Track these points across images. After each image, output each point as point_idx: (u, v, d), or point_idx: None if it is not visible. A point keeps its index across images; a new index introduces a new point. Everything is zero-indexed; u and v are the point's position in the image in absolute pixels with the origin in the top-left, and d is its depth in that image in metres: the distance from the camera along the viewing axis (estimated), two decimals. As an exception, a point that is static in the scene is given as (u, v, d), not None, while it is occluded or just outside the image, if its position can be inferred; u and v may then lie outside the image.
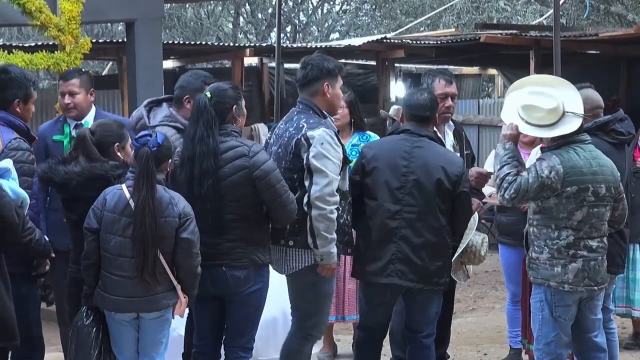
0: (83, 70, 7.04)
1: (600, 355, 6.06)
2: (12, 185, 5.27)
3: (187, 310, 5.68)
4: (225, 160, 5.52)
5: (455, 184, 6.04)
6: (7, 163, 5.39)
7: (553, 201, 5.74)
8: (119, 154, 5.49)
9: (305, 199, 5.65)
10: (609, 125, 6.43)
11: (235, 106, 5.66)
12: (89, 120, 6.58)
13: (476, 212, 6.47)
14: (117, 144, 5.51)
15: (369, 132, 7.47)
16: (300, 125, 5.76)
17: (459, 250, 6.19)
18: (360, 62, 19.01)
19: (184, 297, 5.37)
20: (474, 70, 20.32)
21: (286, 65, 17.11)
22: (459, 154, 6.62)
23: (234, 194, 5.53)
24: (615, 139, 6.55)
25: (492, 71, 20.17)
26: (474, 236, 6.42)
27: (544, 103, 5.78)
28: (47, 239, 5.70)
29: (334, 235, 5.71)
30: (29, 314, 5.76)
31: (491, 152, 7.61)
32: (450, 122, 6.86)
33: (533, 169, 5.73)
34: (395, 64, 17.86)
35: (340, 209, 5.77)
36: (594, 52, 16.33)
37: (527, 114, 5.82)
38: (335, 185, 5.68)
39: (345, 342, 8.26)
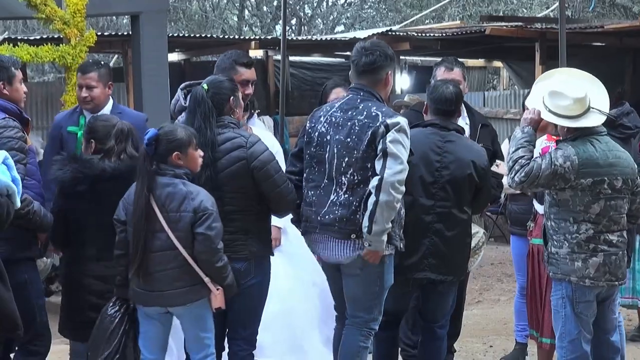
0: (102, 62, 7.02)
1: (615, 357, 5.99)
2: None
3: None
4: (222, 151, 5.47)
5: (483, 178, 6.13)
6: None
7: (569, 193, 5.66)
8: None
9: (375, 182, 5.49)
10: (617, 120, 6.41)
11: (232, 97, 5.61)
12: (105, 112, 6.56)
13: None
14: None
15: None
16: (374, 114, 5.61)
17: None
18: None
19: (217, 289, 5.31)
20: (480, 62, 20.31)
21: (291, 58, 17.11)
22: None
23: (232, 185, 5.49)
24: (623, 134, 6.55)
25: (498, 63, 20.17)
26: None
27: (571, 92, 5.69)
28: (48, 212, 5.67)
29: (390, 226, 5.56)
30: (32, 301, 5.74)
31: (505, 141, 7.59)
32: (465, 114, 6.85)
33: (548, 156, 5.66)
34: (401, 57, 17.84)
35: (401, 203, 5.68)
36: (599, 44, 16.30)
37: (553, 101, 5.72)
38: (405, 176, 5.55)
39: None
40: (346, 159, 5.62)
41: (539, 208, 6.91)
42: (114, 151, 5.67)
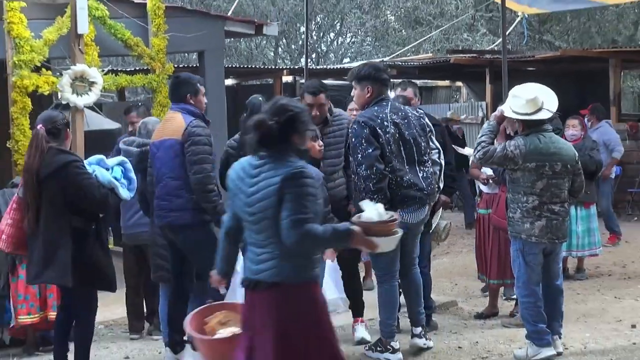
0: (140, 104, 7.27)
1: (560, 298, 5.82)
2: (103, 173, 4.98)
3: None
4: None
5: None
6: (116, 159, 5.19)
7: (519, 173, 5.56)
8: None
9: (437, 154, 5.92)
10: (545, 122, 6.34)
11: None
12: None
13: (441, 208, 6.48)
14: None
15: None
16: (413, 110, 5.92)
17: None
18: (364, 78, 18.95)
19: None
20: (446, 83, 20.19)
21: (312, 82, 17.05)
22: None
23: None
24: None
25: (459, 83, 20.04)
26: (440, 221, 6.50)
27: (525, 94, 5.59)
28: None
29: None
30: (207, 258, 4.95)
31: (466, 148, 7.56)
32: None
33: (504, 144, 5.59)
34: (390, 80, 17.70)
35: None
36: (532, 68, 16.23)
37: (513, 102, 5.62)
38: None
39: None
40: (422, 144, 5.65)
41: (483, 188, 6.89)
42: None
